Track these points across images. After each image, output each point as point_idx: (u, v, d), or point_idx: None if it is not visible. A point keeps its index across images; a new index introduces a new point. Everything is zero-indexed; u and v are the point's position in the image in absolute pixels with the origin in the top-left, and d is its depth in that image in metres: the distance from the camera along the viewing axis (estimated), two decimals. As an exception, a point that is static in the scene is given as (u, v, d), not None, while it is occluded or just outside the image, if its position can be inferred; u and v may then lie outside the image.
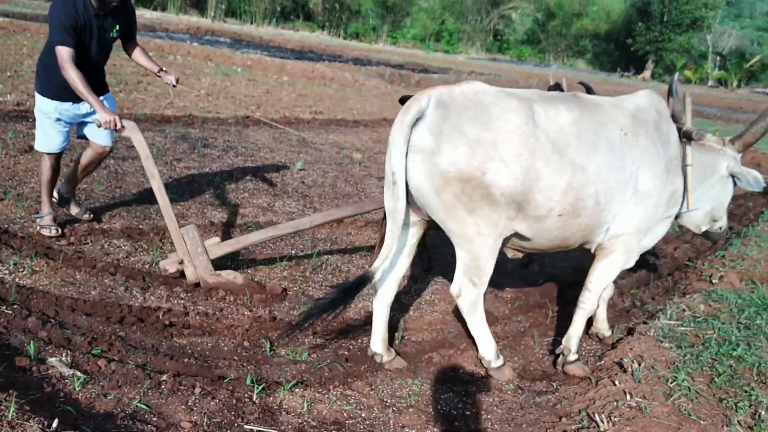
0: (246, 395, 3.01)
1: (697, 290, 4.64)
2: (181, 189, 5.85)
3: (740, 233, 6.61)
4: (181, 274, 4.04)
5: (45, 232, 4.42)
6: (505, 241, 3.39)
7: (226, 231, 5.06)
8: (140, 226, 4.87)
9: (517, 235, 3.34)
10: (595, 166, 3.23)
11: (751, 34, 75.16)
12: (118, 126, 4.04)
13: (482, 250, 3.24)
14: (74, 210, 4.78)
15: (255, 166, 7.19)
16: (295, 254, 4.84)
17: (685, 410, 2.88)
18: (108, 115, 4.01)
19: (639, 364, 3.28)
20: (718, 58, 60.27)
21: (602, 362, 3.53)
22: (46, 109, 4.28)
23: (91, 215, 4.82)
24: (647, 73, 52.78)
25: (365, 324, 3.90)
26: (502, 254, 3.39)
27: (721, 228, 4.16)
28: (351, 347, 3.64)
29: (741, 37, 68.01)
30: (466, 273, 3.33)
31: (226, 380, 3.10)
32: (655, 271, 5.56)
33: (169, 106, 8.95)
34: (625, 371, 3.26)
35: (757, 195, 9.63)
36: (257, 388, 3.04)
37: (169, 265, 4.06)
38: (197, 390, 2.95)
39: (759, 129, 3.85)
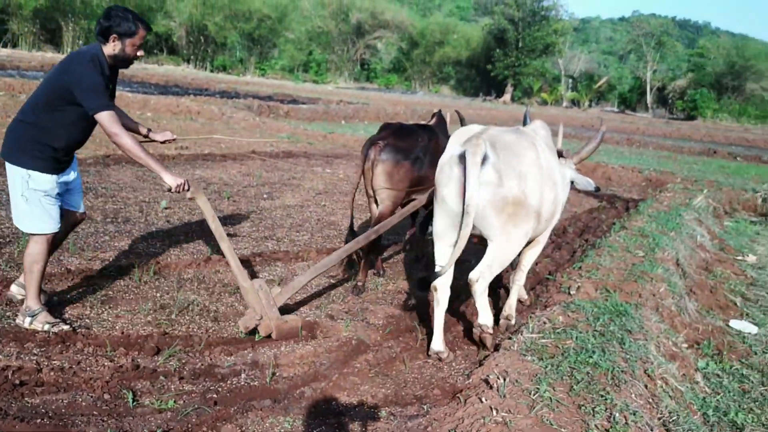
0: (107, 452, 2.85)
1: (557, 302, 4.87)
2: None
3: (595, 245, 7.05)
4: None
5: (56, 329, 3.89)
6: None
7: (85, 278, 4.80)
8: (-14, 280, 4.53)
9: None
10: (558, 183, 4.43)
11: (597, 57, 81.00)
12: (187, 189, 3.94)
13: (515, 250, 4.26)
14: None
15: (116, 207, 6.90)
16: (159, 297, 4.67)
17: (546, 420, 3.01)
18: (178, 179, 3.91)
19: (504, 380, 3.39)
20: (570, 81, 64.52)
21: (470, 380, 3.63)
22: (45, 186, 3.85)
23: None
24: (507, 97, 55.52)
25: (233, 364, 3.81)
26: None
27: None
28: (220, 389, 3.54)
29: (589, 61, 73.17)
30: (492, 265, 4.15)
31: (84, 438, 2.92)
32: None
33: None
34: (491, 387, 3.36)
35: (609, 207, 10.34)
36: (119, 443, 2.88)
37: (249, 323, 4.15)
38: (51, 452, 2.76)
39: (590, 149, 5.00)
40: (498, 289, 5.83)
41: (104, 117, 3.74)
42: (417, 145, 5.28)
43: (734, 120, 52.82)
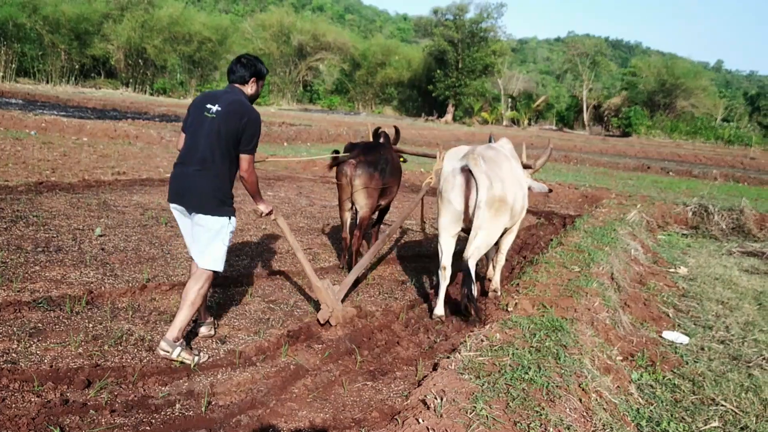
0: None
1: (496, 319, 4.94)
2: (-43, 269, 5.30)
3: (533, 261, 7.18)
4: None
5: (199, 359, 4.21)
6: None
7: (13, 310, 4.63)
8: None
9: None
10: (523, 186, 5.84)
11: (535, 77, 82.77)
12: (274, 214, 4.68)
13: (495, 236, 5.51)
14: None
15: (48, 235, 6.70)
16: (92, 327, 4.54)
17: (483, 438, 3.03)
18: (270, 206, 4.63)
19: (441, 399, 3.41)
20: (510, 100, 65.84)
21: (408, 401, 3.63)
22: (234, 226, 4.37)
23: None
24: (449, 116, 56.27)
25: (168, 394, 3.73)
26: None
27: None
28: (153, 421, 3.45)
29: (527, 80, 74.79)
30: (480, 247, 5.32)
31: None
32: (457, 305, 5.87)
33: None
34: (428, 408, 3.37)
35: (546, 224, 10.55)
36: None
37: (325, 315, 4.99)
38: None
39: (542, 161, 6.72)
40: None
41: (252, 157, 4.32)
42: (380, 159, 6.42)
43: (666, 136, 54.77)
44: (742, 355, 5.29)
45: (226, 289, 5.73)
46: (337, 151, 6.41)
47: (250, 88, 4.42)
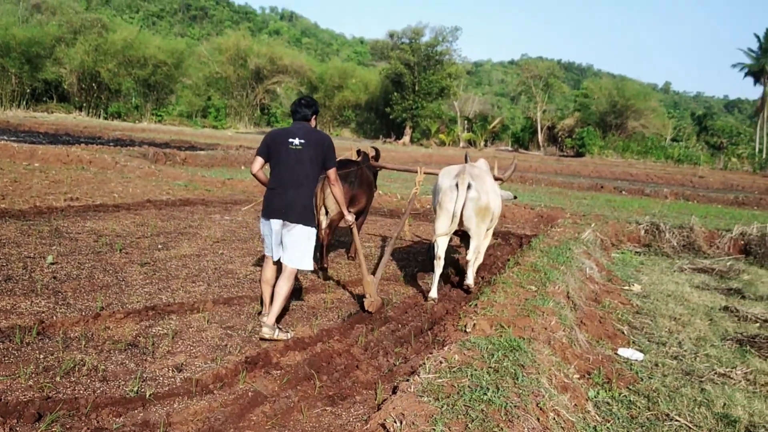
0: None
1: (454, 341, 4.95)
2: None
3: (490, 281, 7.24)
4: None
5: (290, 335, 5.44)
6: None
7: (-41, 343, 4.49)
8: None
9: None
10: (499, 196, 7.36)
11: (491, 99, 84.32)
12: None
13: (485, 239, 7.43)
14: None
15: (-3, 264, 6.52)
16: (42, 358, 4.42)
17: (442, 460, 3.03)
18: (351, 214, 6.21)
19: (401, 422, 3.40)
20: (466, 122, 66.72)
21: (368, 426, 3.61)
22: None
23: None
24: (407, 138, 56.70)
25: (122, 426, 3.65)
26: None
27: None
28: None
29: (483, 102, 76.00)
30: (478, 248, 7.16)
31: None
32: (417, 327, 5.88)
33: None
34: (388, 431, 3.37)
35: (504, 244, 10.67)
36: None
37: (368, 304, 6.31)
38: None
39: (509, 174, 8.38)
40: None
41: (336, 169, 5.64)
42: (350, 173, 7.59)
43: (619, 155, 56.09)
44: (695, 370, 5.41)
45: (182, 316, 5.65)
46: None
47: (313, 122, 5.59)
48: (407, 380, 4.16)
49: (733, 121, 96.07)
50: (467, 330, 5.25)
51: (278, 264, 5.49)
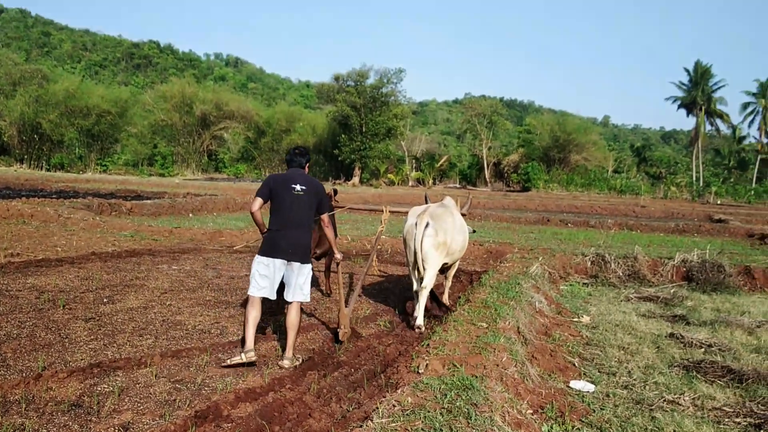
0: None
1: (407, 382, 4.93)
2: None
3: (441, 320, 7.27)
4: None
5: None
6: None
7: None
8: None
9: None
10: (465, 231, 8.30)
11: (437, 137, 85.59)
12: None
13: (437, 268, 7.77)
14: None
15: (-69, 327, 6.26)
16: (-19, 425, 4.24)
17: (397, 507, 3.00)
18: (341, 254, 6.80)
19: (355, 470, 3.37)
20: (414, 161, 67.51)
21: (322, 475, 3.57)
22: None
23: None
24: (356, 179, 56.95)
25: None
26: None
27: None
28: None
29: (430, 141, 77.11)
30: (432, 278, 7.62)
31: None
32: (370, 370, 5.85)
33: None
34: (342, 480, 3.32)
35: (454, 281, 10.74)
36: None
37: (342, 332, 6.79)
38: None
39: (466, 209, 9.28)
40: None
41: (328, 216, 6.45)
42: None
43: (563, 189, 57.41)
44: (645, 399, 5.50)
45: (129, 372, 5.50)
46: None
47: (306, 170, 6.39)
48: (360, 426, 4.13)
49: (671, 152, 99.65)
50: (420, 371, 5.24)
51: (263, 303, 6.03)
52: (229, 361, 5.69)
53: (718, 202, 52.92)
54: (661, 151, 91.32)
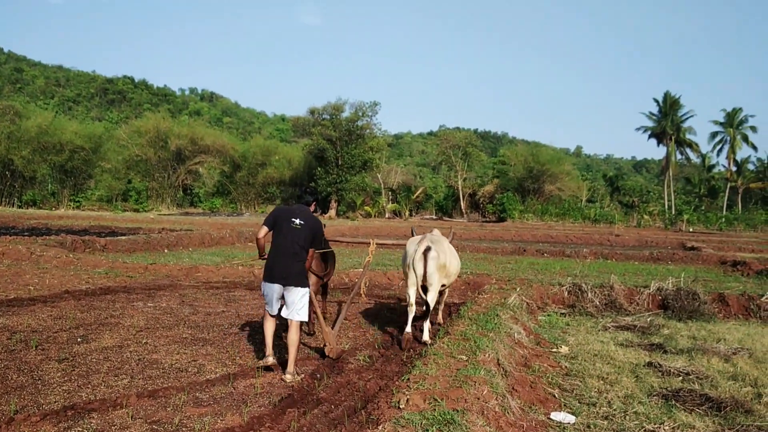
0: None
1: (388, 418, 4.89)
2: None
3: (422, 353, 7.24)
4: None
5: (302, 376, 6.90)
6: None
7: None
8: None
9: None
10: (455, 257, 9.15)
11: (413, 169, 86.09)
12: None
13: (439, 288, 8.60)
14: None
15: None
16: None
17: None
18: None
19: None
20: (390, 193, 67.74)
21: None
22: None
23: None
24: (332, 212, 56.94)
25: None
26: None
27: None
28: None
29: (406, 173, 77.50)
30: (435, 296, 8.52)
31: None
32: (350, 406, 5.79)
33: None
34: None
35: (434, 314, 10.70)
36: None
37: (329, 348, 7.46)
38: None
39: (450, 239, 9.68)
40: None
41: (313, 251, 7.10)
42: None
43: (539, 219, 57.94)
44: (625, 429, 5.51)
45: (104, 414, 5.38)
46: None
47: (312, 208, 7.30)
48: (342, 464, 4.08)
49: (642, 181, 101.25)
50: (401, 406, 5.20)
51: (276, 317, 6.97)
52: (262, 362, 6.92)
53: (690, 229, 53.70)
54: (633, 180, 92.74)
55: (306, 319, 6.96)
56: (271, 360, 6.85)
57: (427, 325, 8.65)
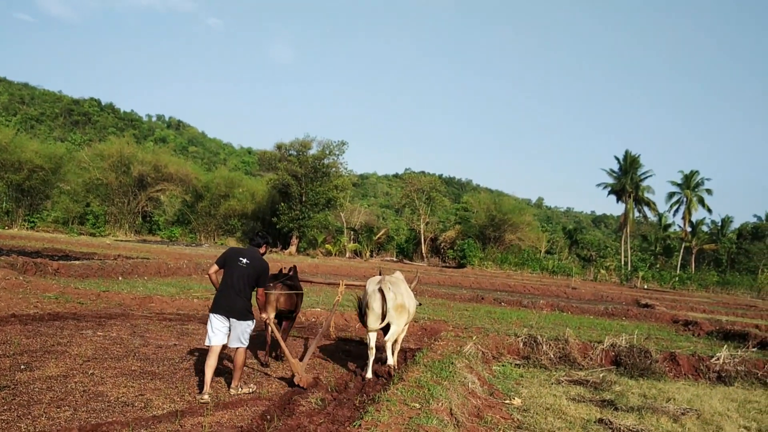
0: None
1: (337, 465, 4.82)
2: None
3: (374, 399, 7.18)
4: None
5: (253, 388, 7.96)
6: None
7: None
8: None
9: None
10: (413, 299, 9.51)
11: (376, 210, 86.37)
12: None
13: (401, 327, 9.08)
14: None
15: None
16: None
17: None
18: (271, 315, 8.99)
19: None
20: (352, 233, 67.71)
21: None
22: (254, 323, 7.84)
23: None
24: (293, 248, 56.60)
25: None
26: None
27: None
28: None
29: (369, 213, 77.74)
30: (394, 335, 8.99)
31: None
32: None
33: None
34: None
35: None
36: None
37: (298, 377, 8.06)
38: None
39: (415, 284, 10.70)
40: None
41: (263, 290, 7.98)
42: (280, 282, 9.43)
43: (498, 267, 58.41)
44: (573, 486, 5.51)
45: (43, 447, 5.20)
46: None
47: (262, 250, 8.05)
48: None
49: (601, 235, 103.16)
50: (351, 453, 5.13)
51: (219, 350, 7.52)
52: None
53: (645, 286, 54.66)
54: (591, 235, 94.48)
55: (246, 344, 7.67)
56: (206, 397, 7.14)
57: (389, 347, 9.13)
